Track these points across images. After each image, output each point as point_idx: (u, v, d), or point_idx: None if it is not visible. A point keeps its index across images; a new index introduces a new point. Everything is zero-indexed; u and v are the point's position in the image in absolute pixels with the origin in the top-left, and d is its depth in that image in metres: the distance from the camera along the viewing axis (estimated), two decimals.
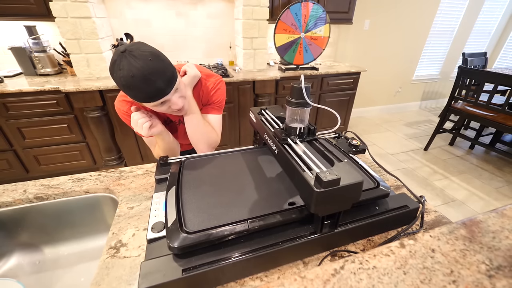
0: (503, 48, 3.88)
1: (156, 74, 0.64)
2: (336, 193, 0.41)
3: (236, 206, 0.53)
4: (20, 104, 1.70)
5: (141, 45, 0.65)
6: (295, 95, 0.54)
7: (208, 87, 0.91)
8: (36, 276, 0.73)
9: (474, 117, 2.35)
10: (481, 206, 1.95)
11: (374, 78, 3.40)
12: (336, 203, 0.44)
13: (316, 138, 0.58)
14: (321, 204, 0.42)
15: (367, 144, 0.80)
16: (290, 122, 0.57)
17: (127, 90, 0.65)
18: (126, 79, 0.62)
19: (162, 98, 0.69)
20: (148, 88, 0.64)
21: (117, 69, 0.62)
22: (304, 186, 0.44)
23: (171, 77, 0.68)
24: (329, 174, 0.40)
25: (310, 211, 0.45)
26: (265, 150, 0.76)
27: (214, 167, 0.69)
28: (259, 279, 0.50)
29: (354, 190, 0.43)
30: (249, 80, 2.08)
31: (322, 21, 2.26)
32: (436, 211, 0.67)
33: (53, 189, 0.76)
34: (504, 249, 0.35)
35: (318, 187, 0.40)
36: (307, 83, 0.53)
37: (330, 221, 0.51)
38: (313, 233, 0.51)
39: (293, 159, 0.50)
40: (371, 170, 0.64)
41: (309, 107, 0.55)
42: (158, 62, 0.65)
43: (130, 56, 0.61)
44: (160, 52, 0.68)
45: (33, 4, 1.71)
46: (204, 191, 0.59)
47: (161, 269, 0.44)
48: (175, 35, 2.32)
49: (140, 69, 0.61)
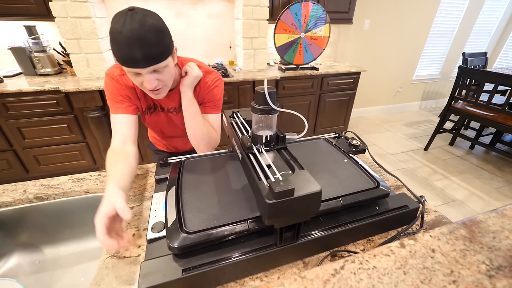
0: (503, 48, 3.88)
1: (141, 43, 0.62)
2: (290, 204, 0.38)
3: (236, 206, 0.53)
4: (20, 104, 1.70)
5: (150, 14, 0.65)
6: (260, 101, 0.49)
7: (206, 84, 0.89)
8: (36, 276, 0.73)
9: (474, 117, 2.35)
10: (481, 206, 1.95)
11: (374, 78, 3.40)
12: (292, 214, 0.41)
13: (284, 146, 0.54)
14: (274, 216, 0.39)
15: (367, 144, 0.80)
16: (257, 130, 0.52)
17: (111, 43, 0.64)
18: (114, 32, 0.61)
19: (134, 68, 0.66)
20: (127, 51, 0.63)
21: (114, 20, 0.62)
22: (258, 196, 0.41)
23: (155, 55, 0.66)
24: (282, 184, 0.38)
25: (264, 223, 0.42)
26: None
27: (214, 167, 0.69)
28: (259, 279, 0.50)
29: (311, 200, 0.40)
30: (249, 80, 2.08)
31: (322, 21, 2.26)
32: (436, 211, 0.67)
33: (53, 189, 0.76)
34: (504, 249, 0.35)
35: (270, 198, 0.37)
36: (272, 88, 0.48)
37: (291, 232, 0.49)
38: (313, 234, 0.51)
39: (254, 168, 0.47)
40: (371, 170, 0.65)
41: (275, 113, 0.50)
42: (152, 35, 0.63)
43: (131, 16, 0.61)
44: (165, 30, 0.68)
45: (33, 4, 1.71)
46: (204, 191, 0.59)
47: (161, 269, 0.44)
48: (175, 35, 2.30)
49: (130, 30, 0.60)
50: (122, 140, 0.78)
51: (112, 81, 0.80)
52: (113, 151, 0.74)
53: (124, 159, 0.71)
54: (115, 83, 0.80)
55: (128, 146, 0.78)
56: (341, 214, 0.56)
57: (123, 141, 0.78)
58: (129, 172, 0.68)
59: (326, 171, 0.65)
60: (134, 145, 0.80)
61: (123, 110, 0.81)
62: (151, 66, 0.67)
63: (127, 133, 0.80)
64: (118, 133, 0.80)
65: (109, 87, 0.81)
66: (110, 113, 0.82)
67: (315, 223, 0.54)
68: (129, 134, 0.80)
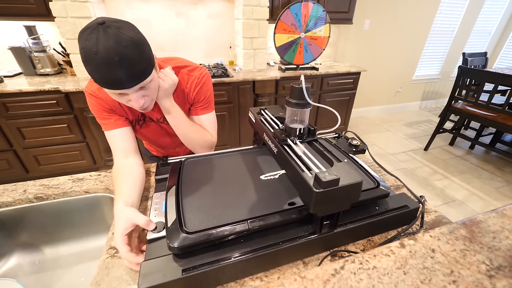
0: (503, 48, 3.88)
1: (123, 63, 0.55)
2: (335, 193, 0.41)
3: (236, 206, 0.53)
4: (20, 104, 1.70)
5: (124, 26, 0.56)
6: (295, 96, 0.53)
7: (192, 83, 0.82)
8: (36, 276, 0.73)
9: (474, 117, 2.35)
10: (481, 206, 1.95)
11: (374, 78, 3.40)
12: (335, 203, 0.44)
13: (316, 139, 0.58)
14: (320, 204, 0.42)
15: (367, 144, 0.80)
16: (290, 123, 0.57)
17: (85, 64, 0.56)
18: (87, 52, 0.53)
19: (119, 90, 0.60)
20: (107, 73, 0.56)
21: (84, 38, 0.54)
22: (303, 187, 0.44)
23: (139, 73, 0.60)
24: (328, 174, 0.40)
25: (309, 211, 0.45)
26: (265, 150, 0.76)
27: (214, 167, 0.69)
28: (259, 279, 0.50)
29: (353, 190, 0.43)
30: (249, 80, 2.08)
31: (322, 21, 2.26)
32: (436, 211, 0.67)
33: (53, 189, 0.76)
34: (504, 249, 0.35)
35: (317, 187, 0.40)
36: (307, 83, 0.53)
37: (330, 221, 0.51)
38: (313, 233, 0.51)
39: (292, 159, 0.50)
40: (371, 170, 0.64)
41: (309, 107, 0.54)
42: (132, 51, 0.56)
43: (104, 31, 0.53)
44: (143, 42, 0.60)
45: (33, 4, 1.71)
46: (204, 191, 0.58)
47: (161, 269, 0.44)
48: (175, 35, 2.32)
49: (107, 48, 0.52)
50: (123, 155, 0.76)
51: (92, 98, 0.75)
52: (116, 169, 0.72)
53: (129, 173, 0.70)
54: (95, 99, 0.75)
55: (131, 158, 0.77)
56: (341, 214, 0.56)
57: (125, 155, 0.77)
58: (136, 186, 0.67)
59: None
60: (136, 155, 0.79)
61: (114, 125, 0.76)
62: (137, 85, 0.61)
63: (126, 146, 0.77)
64: (117, 149, 0.77)
65: (91, 105, 0.76)
66: (103, 130, 0.78)
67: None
68: (128, 147, 0.77)
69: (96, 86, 0.74)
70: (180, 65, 0.83)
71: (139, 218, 0.53)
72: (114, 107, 0.77)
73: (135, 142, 0.81)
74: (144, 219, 0.53)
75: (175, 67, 0.80)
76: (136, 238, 0.57)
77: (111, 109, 0.77)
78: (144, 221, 0.53)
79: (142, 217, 0.54)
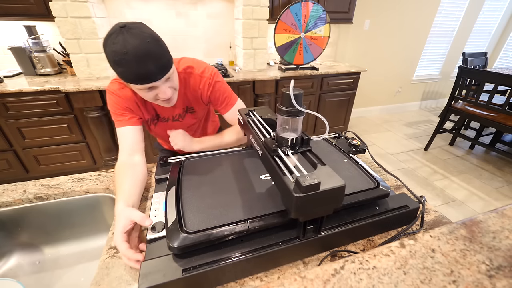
0: (503, 48, 3.88)
1: (151, 57, 0.62)
2: (316, 198, 0.40)
3: (236, 206, 0.53)
4: (20, 104, 1.70)
5: (142, 26, 0.63)
6: (286, 103, 0.47)
7: (205, 85, 0.86)
8: (36, 276, 0.73)
9: (474, 117, 2.35)
10: (481, 206, 1.95)
11: (374, 78, 3.39)
12: (317, 208, 0.42)
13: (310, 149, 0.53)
14: (301, 209, 0.40)
15: (367, 144, 0.80)
16: (282, 132, 0.51)
17: (116, 67, 0.62)
18: (118, 54, 0.59)
19: (151, 83, 0.66)
20: (139, 69, 0.62)
21: (111, 43, 0.59)
22: (284, 191, 0.42)
23: (165, 64, 0.66)
24: (309, 178, 0.39)
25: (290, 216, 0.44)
26: None
27: (214, 167, 0.69)
28: (259, 279, 0.50)
29: (335, 194, 0.41)
30: (249, 80, 2.08)
31: (322, 21, 2.26)
32: (436, 211, 0.67)
33: (53, 189, 0.76)
34: (504, 249, 0.35)
35: (297, 192, 0.38)
36: (298, 90, 0.47)
37: (313, 226, 0.50)
38: (313, 233, 0.51)
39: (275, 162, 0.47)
40: (371, 170, 0.65)
41: (302, 115, 0.49)
42: (155, 45, 0.63)
43: (128, 32, 0.59)
44: (160, 38, 0.66)
45: (33, 4, 1.71)
46: (204, 191, 0.59)
47: (161, 269, 0.44)
48: (175, 35, 2.32)
49: (135, 47, 0.59)
50: (129, 152, 0.78)
51: (112, 95, 0.80)
52: (120, 166, 0.73)
53: (132, 172, 0.71)
54: (115, 97, 0.79)
55: (136, 157, 0.78)
56: (341, 214, 0.56)
57: (131, 152, 0.78)
58: (138, 186, 0.68)
59: None
60: (142, 155, 0.80)
61: (127, 122, 0.80)
62: (165, 76, 0.67)
63: (133, 144, 0.79)
64: (124, 145, 0.79)
65: (110, 101, 0.81)
66: (116, 127, 0.82)
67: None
68: (136, 145, 0.80)
69: (118, 85, 0.80)
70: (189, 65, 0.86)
71: (136, 215, 0.54)
72: (132, 106, 0.81)
73: (142, 142, 0.83)
74: (140, 216, 0.54)
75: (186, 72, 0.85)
76: (136, 238, 0.57)
77: (128, 108, 0.81)
78: (140, 217, 0.54)
79: (138, 213, 0.55)
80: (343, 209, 0.55)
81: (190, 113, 0.94)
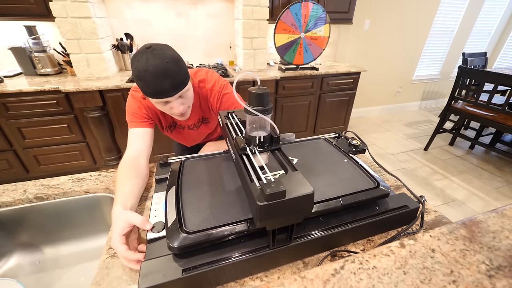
0: (503, 48, 3.88)
1: (167, 75, 0.68)
2: (282, 206, 0.38)
3: (236, 206, 0.53)
4: (20, 104, 1.70)
5: (166, 48, 0.71)
6: (253, 102, 0.48)
7: (214, 98, 0.91)
8: (36, 276, 0.73)
9: (474, 117, 2.35)
10: (481, 206, 1.95)
11: (374, 78, 3.40)
12: (285, 216, 0.40)
13: (279, 147, 0.53)
14: (266, 218, 0.39)
15: (367, 144, 0.80)
16: (250, 131, 0.52)
17: (137, 81, 0.70)
18: (140, 71, 0.67)
19: (164, 98, 0.73)
20: (155, 85, 0.69)
21: (136, 60, 0.68)
22: (250, 198, 0.41)
23: (179, 83, 0.73)
24: (274, 186, 0.37)
25: (256, 226, 0.42)
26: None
27: (214, 167, 0.69)
28: (259, 279, 0.50)
29: (303, 202, 0.39)
30: (249, 80, 2.08)
31: (322, 21, 2.26)
32: (436, 211, 0.67)
33: (53, 189, 0.76)
34: (504, 249, 0.35)
35: (261, 200, 0.37)
36: (264, 88, 0.48)
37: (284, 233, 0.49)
38: (312, 234, 0.51)
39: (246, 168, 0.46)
40: (371, 170, 0.65)
41: (267, 114, 0.49)
42: (173, 66, 0.69)
43: (151, 53, 0.67)
44: (181, 59, 0.73)
45: (33, 4, 1.71)
46: (204, 191, 0.59)
47: (161, 269, 0.44)
48: (175, 35, 2.32)
49: (155, 66, 0.66)
50: (136, 153, 0.79)
51: (135, 101, 0.86)
52: (125, 164, 0.74)
53: (135, 173, 0.72)
54: (137, 103, 0.85)
55: (142, 159, 0.79)
56: (341, 214, 0.56)
57: (138, 153, 0.80)
58: (138, 188, 0.70)
59: (326, 171, 0.65)
60: (147, 160, 0.82)
61: (140, 124, 0.85)
62: (178, 93, 0.74)
63: (142, 145, 0.82)
64: (133, 145, 0.82)
65: (131, 104, 0.86)
66: (129, 128, 0.86)
67: (315, 223, 0.54)
68: (144, 147, 0.82)
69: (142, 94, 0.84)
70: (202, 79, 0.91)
71: (136, 218, 0.55)
72: (151, 115, 0.88)
73: (150, 147, 0.86)
74: (140, 219, 0.54)
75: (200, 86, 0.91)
76: (135, 240, 0.58)
77: (147, 115, 0.87)
78: (141, 221, 0.54)
79: (138, 217, 0.55)
80: (343, 209, 0.55)
81: (204, 124, 1.00)
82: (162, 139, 1.63)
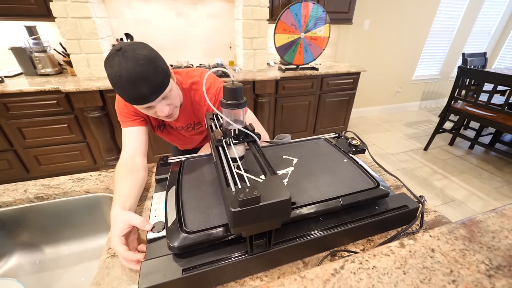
0: (502, 48, 3.88)
1: (143, 80, 0.63)
2: (257, 212, 0.37)
3: None
4: (21, 104, 1.70)
5: (138, 47, 0.64)
6: (227, 96, 0.52)
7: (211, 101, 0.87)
8: (37, 276, 0.73)
9: (474, 117, 2.35)
10: (480, 206, 1.96)
11: (374, 78, 3.40)
12: (260, 222, 0.39)
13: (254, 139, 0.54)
14: (240, 224, 0.38)
15: (367, 144, 0.81)
16: (226, 125, 0.55)
17: (114, 88, 0.65)
18: (113, 77, 0.62)
19: (145, 104, 0.68)
20: (133, 92, 0.64)
21: (108, 65, 0.62)
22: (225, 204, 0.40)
23: (159, 85, 0.67)
24: (248, 191, 0.36)
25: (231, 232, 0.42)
26: (264, 150, 0.76)
27: (214, 167, 0.69)
28: (259, 279, 0.50)
29: (280, 208, 0.39)
30: (249, 80, 2.08)
31: (322, 21, 2.26)
32: (436, 211, 0.67)
33: (53, 189, 0.76)
34: (503, 249, 0.35)
35: (235, 206, 0.36)
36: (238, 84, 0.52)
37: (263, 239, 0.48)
38: (310, 234, 0.51)
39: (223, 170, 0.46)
40: (371, 170, 0.65)
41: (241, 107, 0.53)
42: (149, 67, 0.63)
43: (122, 56, 0.61)
44: (157, 57, 0.67)
45: (33, 4, 1.71)
46: (204, 191, 0.59)
47: (161, 269, 0.44)
48: (175, 35, 2.32)
49: (128, 71, 0.60)
50: (132, 152, 0.78)
51: (121, 99, 0.82)
52: (121, 165, 0.73)
53: (132, 174, 0.71)
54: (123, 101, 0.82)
55: (138, 158, 0.78)
56: (341, 214, 0.56)
57: (133, 153, 0.78)
58: (136, 189, 0.68)
59: (326, 171, 0.65)
60: (144, 157, 0.81)
61: (131, 123, 0.82)
62: (159, 96, 0.68)
63: (137, 144, 0.80)
64: (128, 145, 0.80)
65: (118, 103, 0.83)
66: (122, 127, 0.84)
67: (315, 223, 0.54)
68: (139, 146, 0.81)
69: None
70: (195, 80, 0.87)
71: (135, 219, 0.54)
72: (139, 112, 0.83)
73: (146, 144, 0.84)
74: (140, 220, 0.54)
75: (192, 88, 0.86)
76: (135, 240, 0.58)
77: (135, 112, 0.83)
78: (140, 221, 0.54)
79: (138, 217, 0.55)
80: (343, 209, 0.55)
81: (195, 128, 0.96)
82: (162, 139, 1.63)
